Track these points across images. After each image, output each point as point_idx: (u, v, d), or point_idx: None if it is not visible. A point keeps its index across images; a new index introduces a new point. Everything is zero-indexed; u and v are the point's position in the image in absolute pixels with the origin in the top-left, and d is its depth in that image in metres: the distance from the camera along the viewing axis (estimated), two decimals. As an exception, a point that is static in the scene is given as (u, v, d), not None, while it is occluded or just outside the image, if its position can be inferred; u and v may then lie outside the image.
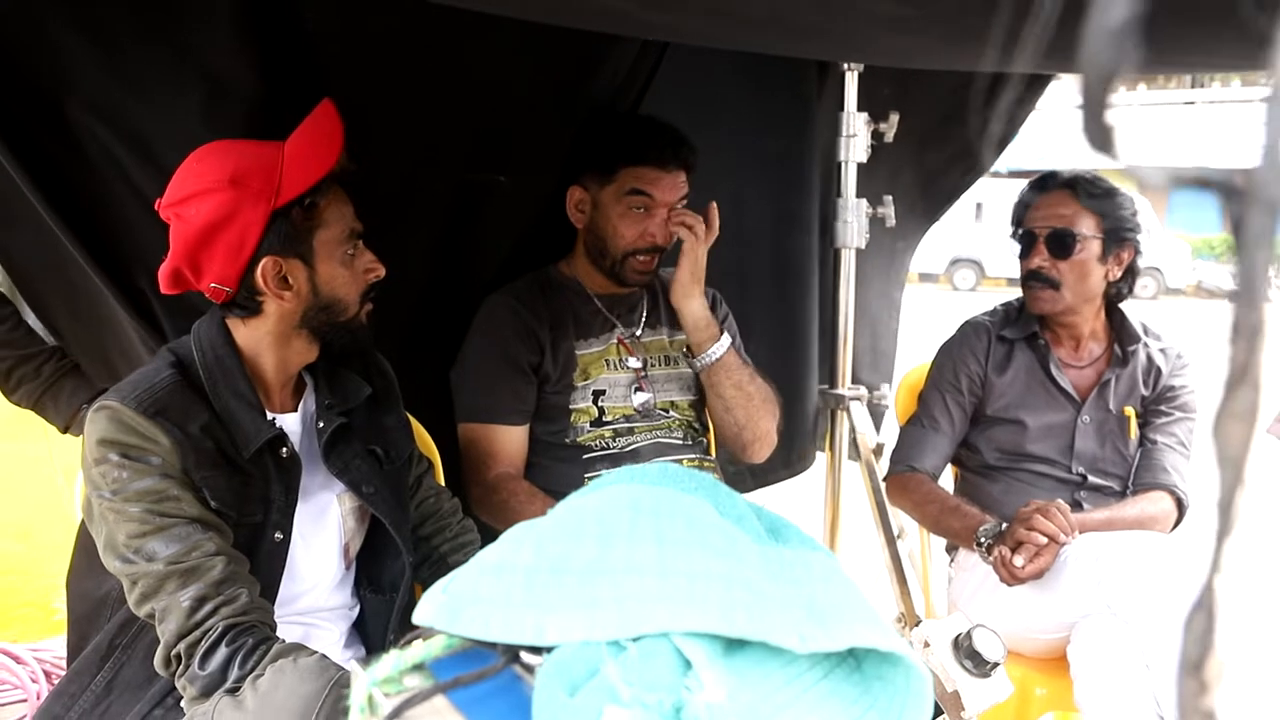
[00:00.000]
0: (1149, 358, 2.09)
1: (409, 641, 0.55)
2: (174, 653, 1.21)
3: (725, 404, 1.94)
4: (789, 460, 2.47)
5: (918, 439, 2.13)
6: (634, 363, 1.93)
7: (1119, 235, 1.99)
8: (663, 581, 0.51)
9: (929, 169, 2.68)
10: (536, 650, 0.52)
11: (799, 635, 0.51)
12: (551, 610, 0.51)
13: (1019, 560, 1.75)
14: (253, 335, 1.37)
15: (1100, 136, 0.42)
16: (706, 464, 1.98)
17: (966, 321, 2.20)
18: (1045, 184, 2.06)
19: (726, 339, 1.90)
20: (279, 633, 1.27)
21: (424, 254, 1.88)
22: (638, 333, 1.97)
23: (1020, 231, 2.05)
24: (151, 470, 1.23)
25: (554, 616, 0.51)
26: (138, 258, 1.57)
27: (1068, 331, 2.08)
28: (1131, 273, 2.04)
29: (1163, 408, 2.06)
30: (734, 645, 0.51)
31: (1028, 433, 2.06)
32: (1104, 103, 0.41)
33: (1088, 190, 2.00)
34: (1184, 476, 2.02)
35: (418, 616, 0.55)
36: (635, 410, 1.91)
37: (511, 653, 0.53)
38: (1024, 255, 2.03)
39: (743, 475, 2.31)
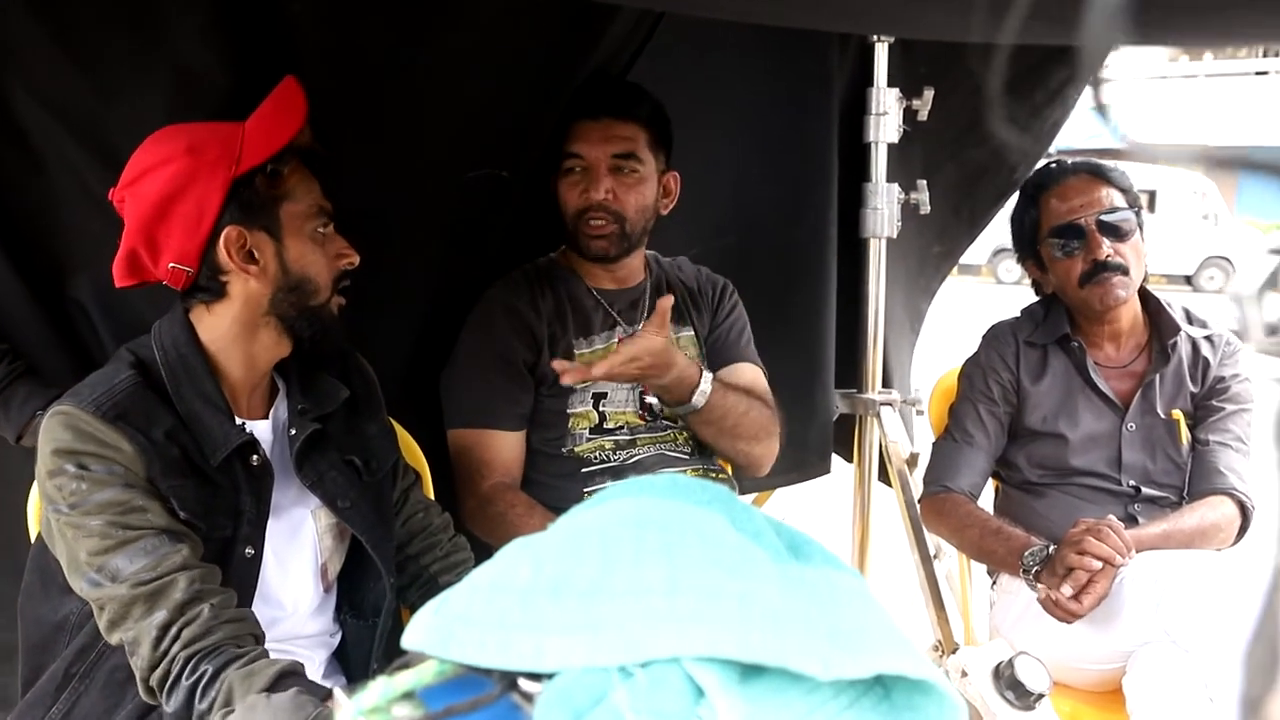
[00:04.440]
0: (1194, 349, 2.09)
1: (398, 668, 0.56)
2: (149, 686, 1.22)
3: (705, 439, 1.96)
4: (789, 467, 2.47)
5: (951, 456, 2.13)
6: None
7: (1140, 208, 2.04)
8: (672, 602, 0.52)
9: (973, 164, 2.66)
10: (536, 677, 0.53)
11: (821, 661, 0.51)
12: (551, 633, 0.52)
13: (1067, 589, 1.74)
14: (218, 325, 1.38)
15: (1100, 108, 0.44)
16: (712, 474, 1.98)
17: (990, 328, 2.21)
18: (1058, 173, 2.08)
19: (694, 401, 1.86)
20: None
21: (417, 252, 1.89)
22: (639, 330, 1.97)
23: (1056, 230, 2.05)
24: (113, 480, 1.24)
25: (554, 640, 0.52)
26: (81, 265, 1.58)
27: (1110, 329, 2.08)
28: None
29: (1214, 402, 2.06)
30: (750, 671, 0.52)
31: (1070, 446, 2.06)
32: (1102, 81, 0.42)
33: (1107, 168, 2.04)
34: (1243, 477, 2.01)
35: (407, 640, 0.56)
36: (640, 416, 1.92)
37: (508, 679, 0.54)
38: (1074, 252, 2.03)
39: (737, 477, 2.30)
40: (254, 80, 1.50)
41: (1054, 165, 2.11)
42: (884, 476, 2.54)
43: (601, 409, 1.91)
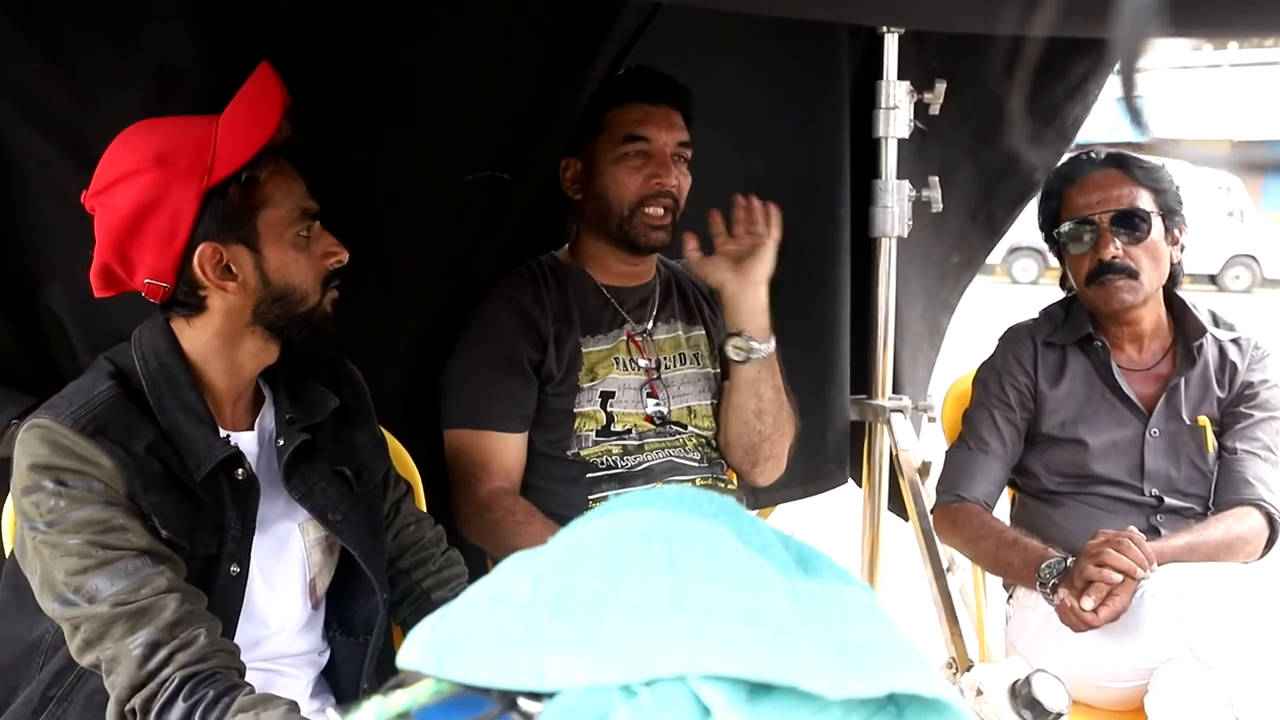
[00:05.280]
0: (1221, 352, 2.10)
1: (392, 687, 0.57)
2: (127, 708, 1.22)
3: (760, 406, 1.96)
4: (806, 477, 2.47)
5: (965, 464, 2.14)
6: (644, 362, 1.95)
7: (1172, 211, 2.04)
8: (678, 618, 0.52)
9: (990, 167, 2.67)
10: (536, 696, 0.53)
11: (831, 679, 0.52)
12: (552, 650, 0.52)
13: (1088, 603, 1.75)
14: (200, 337, 1.38)
15: (1135, 112, 0.44)
16: (721, 484, 2.00)
17: (1007, 330, 2.23)
18: (1084, 164, 2.08)
19: (772, 343, 1.94)
20: (239, 680, 1.29)
21: (412, 255, 1.89)
22: (649, 328, 1.99)
23: (1069, 223, 2.06)
24: (92, 497, 1.24)
25: (555, 657, 0.52)
26: (56, 271, 1.58)
27: (1130, 330, 2.09)
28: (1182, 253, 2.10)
29: (1241, 409, 2.07)
30: (758, 690, 0.52)
31: (1090, 452, 2.07)
32: (1135, 74, 0.42)
33: (1138, 164, 2.04)
34: (1272, 487, 2.01)
35: (402, 659, 0.56)
36: (647, 419, 1.93)
37: (508, 699, 0.54)
38: (1084, 248, 2.04)
39: (745, 491, 2.31)
40: (241, 77, 1.51)
41: (1084, 157, 2.12)
42: (894, 505, 2.54)
43: (610, 410, 1.91)
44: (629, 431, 1.92)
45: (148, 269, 1.33)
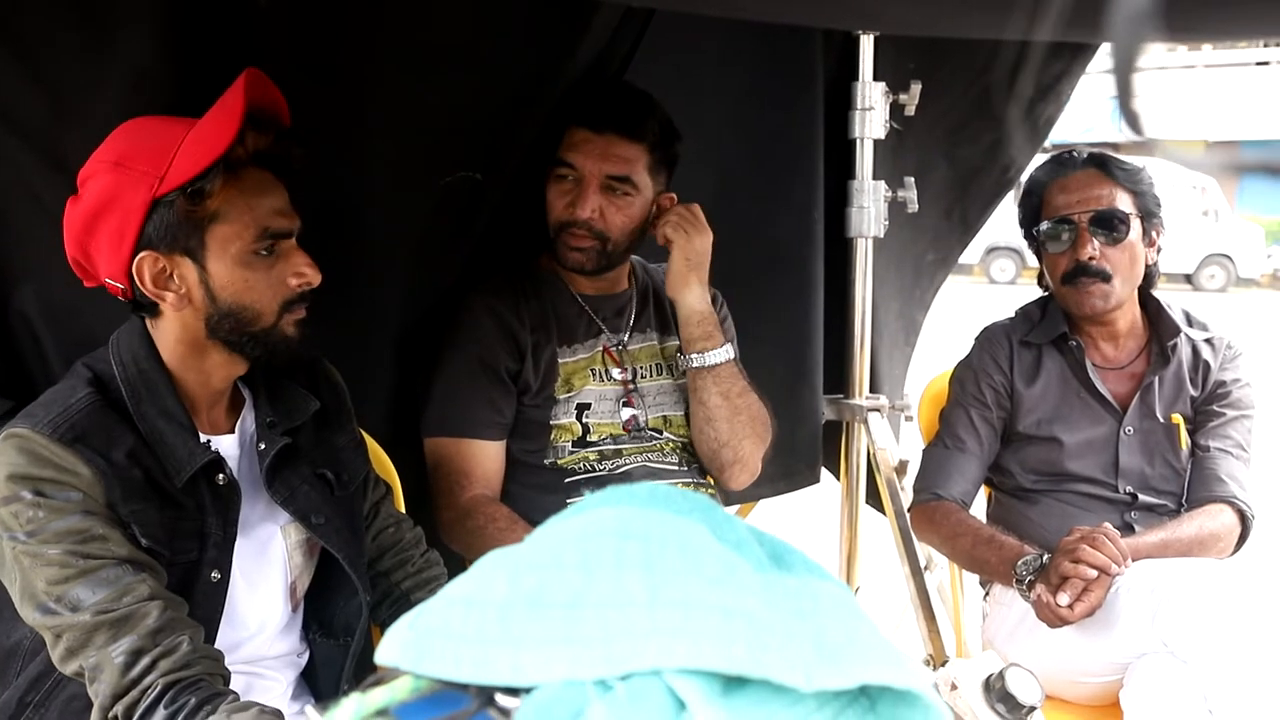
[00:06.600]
0: (1194, 351, 2.12)
1: (371, 684, 0.57)
2: (110, 715, 1.22)
3: (707, 413, 1.96)
4: (777, 475, 2.48)
5: (942, 462, 2.16)
6: (620, 374, 1.96)
7: (1151, 213, 2.05)
8: (653, 613, 0.53)
9: (965, 165, 2.69)
10: (513, 691, 0.54)
11: (805, 672, 0.53)
12: (529, 647, 0.53)
13: (1064, 598, 1.76)
14: (166, 342, 1.38)
15: (1131, 115, 0.45)
16: (700, 487, 2.00)
17: (983, 330, 2.24)
18: (1065, 164, 2.10)
19: (727, 349, 1.94)
20: (222, 683, 1.29)
21: (387, 257, 1.90)
22: (625, 339, 1.99)
23: (1048, 222, 2.08)
24: (72, 507, 1.24)
25: (532, 653, 0.53)
26: (28, 275, 1.57)
27: (1105, 330, 2.11)
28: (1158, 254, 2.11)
29: (1214, 407, 2.09)
30: (733, 684, 0.53)
31: (1065, 450, 2.09)
32: (1132, 78, 0.43)
33: (1119, 165, 2.05)
34: (1243, 485, 2.04)
35: (380, 656, 0.57)
36: (624, 428, 1.93)
37: (485, 695, 0.54)
38: (1061, 247, 2.06)
39: (721, 489, 2.32)
40: (214, 81, 1.51)
41: (1066, 156, 2.13)
42: (871, 499, 2.55)
43: (585, 421, 1.92)
44: (605, 439, 1.93)
45: (105, 270, 1.33)
